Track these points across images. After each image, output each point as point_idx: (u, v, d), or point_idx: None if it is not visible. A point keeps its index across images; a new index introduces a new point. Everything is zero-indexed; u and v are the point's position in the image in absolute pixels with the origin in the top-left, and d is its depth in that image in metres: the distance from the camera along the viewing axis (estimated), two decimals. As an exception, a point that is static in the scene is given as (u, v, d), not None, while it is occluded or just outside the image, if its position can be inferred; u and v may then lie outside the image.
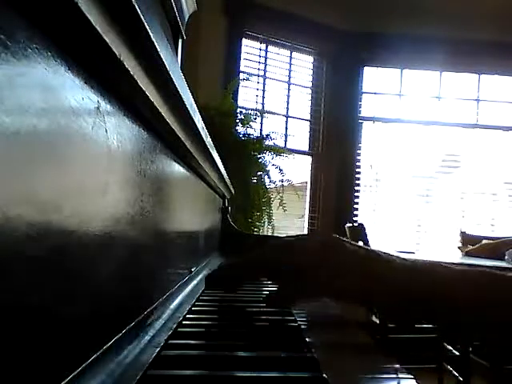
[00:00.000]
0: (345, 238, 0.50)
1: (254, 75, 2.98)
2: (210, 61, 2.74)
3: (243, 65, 2.95)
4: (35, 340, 0.22)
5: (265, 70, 3.08)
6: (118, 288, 0.35)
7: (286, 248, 0.50)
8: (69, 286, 0.26)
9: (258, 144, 2.33)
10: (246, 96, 2.96)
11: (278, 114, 3.08)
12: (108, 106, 0.30)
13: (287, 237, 0.58)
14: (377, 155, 3.36)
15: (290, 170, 2.47)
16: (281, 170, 2.39)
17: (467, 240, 2.82)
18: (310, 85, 3.26)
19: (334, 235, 0.51)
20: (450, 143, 3.41)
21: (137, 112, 0.36)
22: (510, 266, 1.86)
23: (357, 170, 3.26)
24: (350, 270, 0.45)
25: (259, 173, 2.33)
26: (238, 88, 2.75)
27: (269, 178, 2.37)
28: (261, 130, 2.76)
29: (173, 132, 0.45)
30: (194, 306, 0.56)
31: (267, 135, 2.41)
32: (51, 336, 0.24)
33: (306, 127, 3.27)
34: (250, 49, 3.02)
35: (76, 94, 0.25)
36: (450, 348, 2.03)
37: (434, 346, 2.15)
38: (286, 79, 3.16)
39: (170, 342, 0.40)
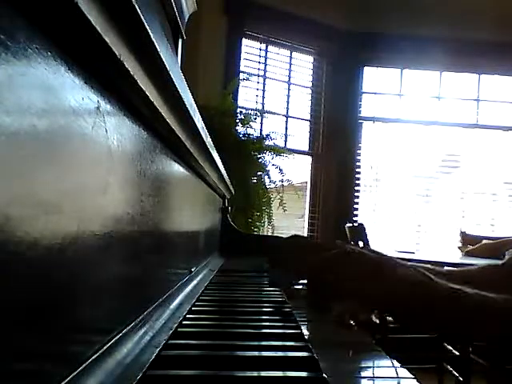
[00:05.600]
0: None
1: (254, 75, 2.98)
2: (210, 61, 2.74)
3: (243, 65, 2.94)
4: (36, 340, 0.22)
5: (265, 70, 3.08)
6: (118, 288, 0.35)
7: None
8: (69, 286, 0.26)
9: (258, 144, 2.33)
10: (246, 96, 2.96)
11: (278, 114, 3.08)
12: (108, 106, 0.30)
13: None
14: (377, 155, 3.35)
15: (290, 170, 2.47)
16: (281, 170, 2.39)
17: (467, 240, 2.81)
18: (310, 85, 3.26)
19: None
20: (450, 143, 3.41)
21: (137, 112, 0.36)
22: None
23: (357, 169, 3.26)
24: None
25: (259, 173, 2.33)
26: (238, 88, 2.75)
27: (269, 178, 2.37)
28: (261, 130, 2.76)
29: (173, 132, 0.45)
30: (193, 305, 0.56)
31: (267, 135, 2.41)
32: (52, 336, 0.24)
33: (306, 127, 3.27)
34: (249, 49, 3.02)
35: (76, 93, 0.25)
36: (450, 348, 2.03)
37: (434, 345, 2.15)
38: (286, 79, 3.16)
39: (170, 342, 0.40)
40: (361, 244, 2.21)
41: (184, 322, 0.47)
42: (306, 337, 0.44)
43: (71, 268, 0.26)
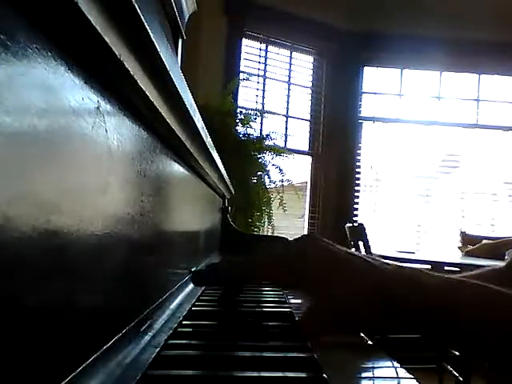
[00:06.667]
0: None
1: (254, 75, 2.98)
2: (210, 61, 2.74)
3: (243, 65, 2.95)
4: (35, 340, 0.22)
5: (265, 70, 3.08)
6: (117, 288, 0.35)
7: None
8: (69, 286, 0.26)
9: (258, 144, 2.33)
10: (246, 96, 2.96)
11: (278, 114, 3.08)
12: (108, 106, 0.30)
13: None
14: (377, 155, 3.36)
15: (290, 170, 2.47)
16: (281, 170, 2.39)
17: (467, 240, 2.82)
18: (310, 85, 3.26)
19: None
20: (450, 143, 3.41)
21: (137, 112, 0.36)
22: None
23: (357, 169, 3.26)
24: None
25: (259, 173, 2.33)
26: (238, 88, 2.75)
27: (269, 178, 2.37)
28: (261, 130, 2.76)
29: (173, 132, 0.45)
30: (194, 305, 0.56)
31: (267, 135, 2.41)
32: (51, 336, 0.24)
33: (306, 127, 3.27)
34: (249, 49, 3.02)
35: (76, 93, 0.25)
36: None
37: (433, 345, 2.15)
38: (286, 79, 3.16)
39: (170, 341, 0.40)
40: (361, 244, 2.21)
41: (184, 322, 0.47)
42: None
43: (71, 268, 0.26)
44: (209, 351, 0.39)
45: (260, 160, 2.33)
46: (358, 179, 3.28)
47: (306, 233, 3.16)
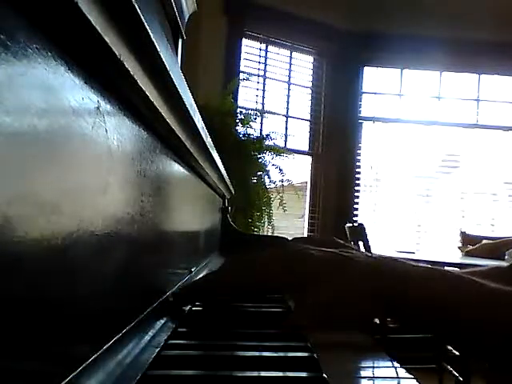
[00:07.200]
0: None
1: (254, 75, 2.98)
2: (210, 61, 2.74)
3: (243, 65, 2.95)
4: (35, 340, 0.22)
5: (265, 70, 3.08)
6: (117, 288, 0.35)
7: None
8: (68, 286, 0.26)
9: (258, 144, 2.33)
10: (246, 96, 2.96)
11: (278, 114, 3.08)
12: (108, 106, 0.30)
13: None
14: (377, 155, 3.36)
15: (290, 170, 2.47)
16: (281, 170, 2.39)
17: (467, 240, 2.82)
18: (310, 85, 3.26)
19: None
20: (450, 143, 3.41)
21: (137, 112, 0.36)
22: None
23: (357, 169, 3.26)
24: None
25: (259, 173, 2.33)
26: (238, 88, 2.75)
27: (269, 178, 2.37)
28: (261, 130, 2.76)
29: (173, 132, 0.45)
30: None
31: (267, 135, 2.41)
32: (51, 336, 0.24)
33: (306, 127, 3.27)
34: (249, 49, 3.02)
35: (76, 94, 0.25)
36: (450, 348, 2.03)
37: (433, 346, 2.15)
38: (286, 79, 3.16)
39: (170, 341, 0.40)
40: (361, 244, 2.21)
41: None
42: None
43: (71, 268, 0.26)
44: (209, 351, 0.39)
45: (260, 160, 2.34)
46: (358, 179, 3.28)
47: (305, 233, 3.16)
